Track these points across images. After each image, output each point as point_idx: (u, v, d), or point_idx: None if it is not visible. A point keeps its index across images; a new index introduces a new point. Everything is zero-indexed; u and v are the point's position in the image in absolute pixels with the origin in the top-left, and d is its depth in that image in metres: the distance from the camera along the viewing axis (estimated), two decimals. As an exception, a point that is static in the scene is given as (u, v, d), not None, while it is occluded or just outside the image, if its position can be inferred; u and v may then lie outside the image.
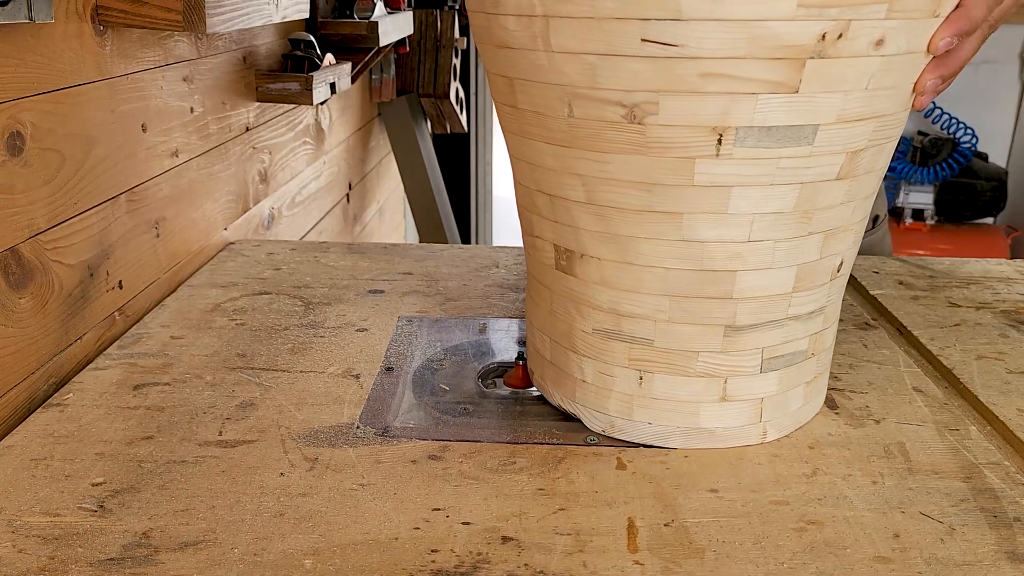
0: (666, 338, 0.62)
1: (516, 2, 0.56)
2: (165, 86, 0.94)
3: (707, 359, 0.62)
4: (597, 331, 0.63)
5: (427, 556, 0.52)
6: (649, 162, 0.56)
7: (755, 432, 0.65)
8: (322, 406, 0.70)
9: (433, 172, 2.11)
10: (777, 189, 0.57)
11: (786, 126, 0.54)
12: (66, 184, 0.77)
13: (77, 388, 0.72)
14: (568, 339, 0.66)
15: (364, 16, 1.46)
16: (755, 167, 0.56)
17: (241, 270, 1.01)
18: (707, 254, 0.59)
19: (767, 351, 0.63)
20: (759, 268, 0.60)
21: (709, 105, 0.53)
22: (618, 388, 0.64)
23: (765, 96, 0.53)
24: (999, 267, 1.06)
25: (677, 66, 0.52)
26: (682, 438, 0.64)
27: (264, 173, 1.28)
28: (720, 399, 0.63)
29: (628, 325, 0.62)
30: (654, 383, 0.63)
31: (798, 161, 0.56)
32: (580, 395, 0.66)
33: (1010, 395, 0.72)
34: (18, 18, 0.67)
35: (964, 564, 0.52)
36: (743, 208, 0.57)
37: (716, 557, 0.52)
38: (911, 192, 3.20)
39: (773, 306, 0.61)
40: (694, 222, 0.58)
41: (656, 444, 0.64)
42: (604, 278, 0.62)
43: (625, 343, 0.63)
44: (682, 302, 0.60)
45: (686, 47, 0.51)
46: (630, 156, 0.56)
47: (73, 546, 0.52)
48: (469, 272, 1.02)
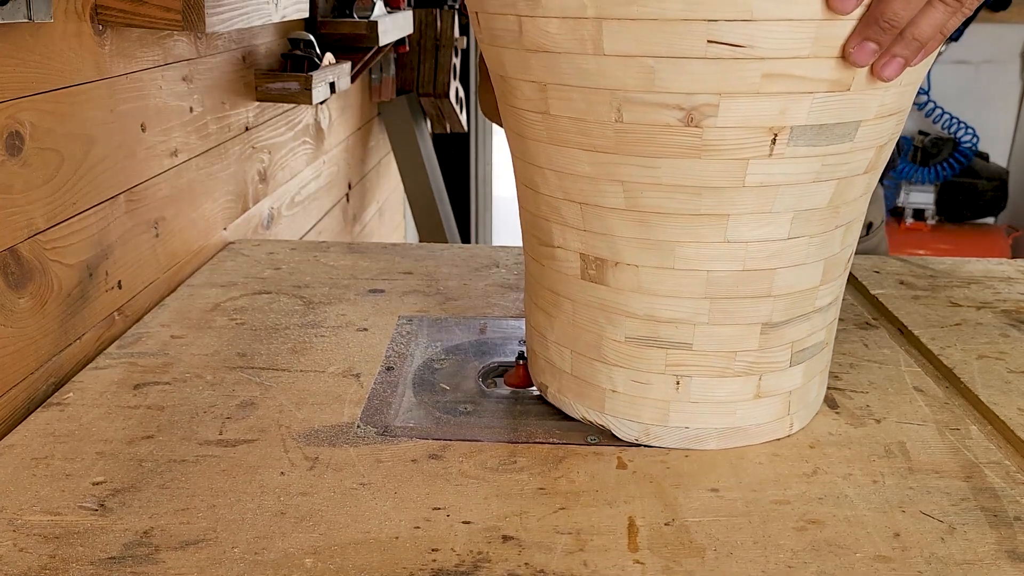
0: (705, 341, 0.61)
1: (562, 4, 0.53)
2: (164, 86, 0.94)
3: (744, 358, 0.62)
4: (631, 339, 0.62)
5: (427, 555, 0.52)
6: (701, 165, 0.55)
7: (784, 425, 0.66)
8: (322, 405, 0.70)
9: (433, 172, 2.11)
10: (817, 186, 0.58)
11: (835, 123, 0.55)
12: (65, 184, 0.77)
13: (77, 388, 0.72)
14: (596, 350, 0.64)
15: (364, 15, 1.46)
16: (803, 165, 0.56)
17: (241, 270, 1.01)
18: (749, 254, 0.59)
19: (795, 344, 0.64)
20: (795, 264, 0.60)
21: (768, 105, 0.53)
22: (653, 395, 0.63)
23: (821, 95, 0.53)
24: (1000, 267, 1.06)
25: (741, 67, 0.52)
26: (718, 439, 0.64)
27: (263, 173, 1.27)
28: (755, 396, 0.64)
29: (666, 331, 0.61)
30: (692, 387, 0.63)
31: (839, 158, 0.57)
32: (610, 406, 0.65)
33: (1011, 394, 0.72)
34: (17, 18, 0.67)
35: (964, 563, 0.52)
36: (785, 206, 0.58)
37: (716, 556, 0.52)
38: (912, 192, 3.20)
39: (804, 300, 0.62)
40: (739, 223, 0.58)
41: (692, 447, 0.64)
42: (641, 285, 0.61)
43: (662, 349, 0.62)
44: (722, 303, 0.60)
45: (753, 48, 0.51)
46: (682, 160, 0.55)
47: (74, 545, 0.52)
48: (469, 272, 1.02)
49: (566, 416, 0.68)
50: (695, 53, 0.51)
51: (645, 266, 0.60)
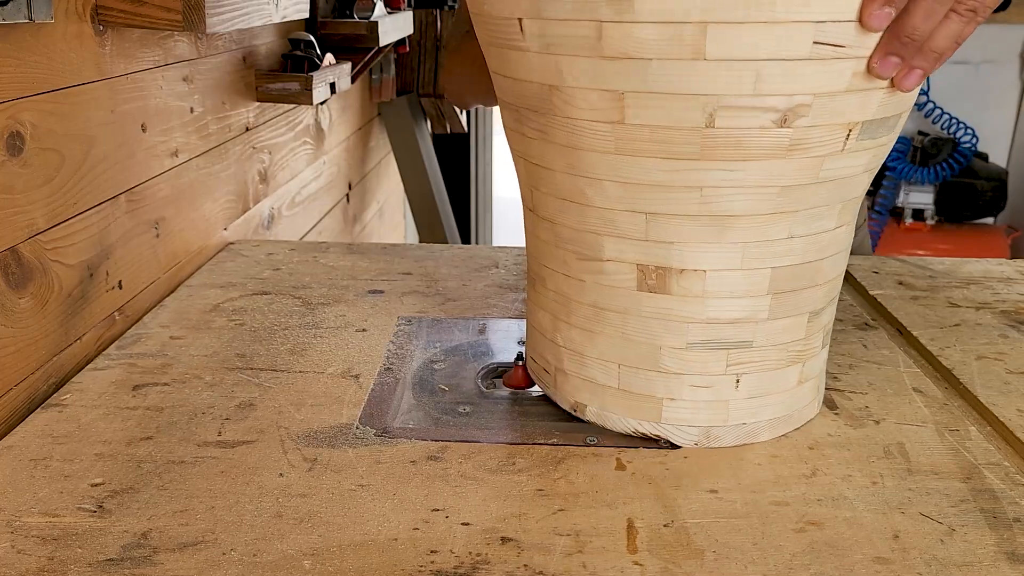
0: (764, 337, 0.63)
1: (660, 9, 0.51)
2: (165, 86, 0.94)
3: (793, 348, 0.64)
4: (693, 345, 0.62)
5: (426, 557, 0.52)
6: (784, 164, 0.56)
7: (815, 406, 0.69)
8: (321, 406, 0.70)
9: (433, 172, 2.11)
10: (864, 177, 0.61)
11: (889, 116, 0.58)
12: (66, 184, 0.77)
13: (76, 388, 0.72)
14: (652, 360, 0.63)
15: (364, 16, 1.46)
16: (861, 158, 0.58)
17: (240, 270, 1.01)
18: (806, 247, 0.61)
19: (825, 327, 0.67)
20: (836, 253, 0.63)
21: (851, 102, 0.55)
22: (714, 397, 0.63)
23: (885, 91, 0.55)
24: (999, 267, 1.06)
25: (838, 66, 0.53)
26: (769, 430, 0.66)
27: (264, 173, 1.28)
28: (798, 383, 0.66)
29: (728, 332, 0.62)
30: (750, 383, 0.64)
31: (883, 149, 0.61)
32: (668, 415, 0.64)
33: (1010, 395, 0.72)
34: (18, 18, 0.67)
35: (964, 565, 0.52)
36: (840, 198, 0.60)
37: (716, 558, 0.52)
38: (911, 192, 3.20)
39: (837, 285, 0.66)
40: (804, 218, 0.59)
41: (748, 442, 0.65)
42: (707, 289, 0.60)
43: (724, 350, 0.62)
44: (781, 298, 0.62)
45: (852, 47, 0.52)
46: (768, 161, 0.56)
47: (72, 547, 0.52)
48: (469, 272, 1.02)
49: (565, 417, 0.68)
50: (800, 55, 0.52)
51: (713, 270, 0.60)
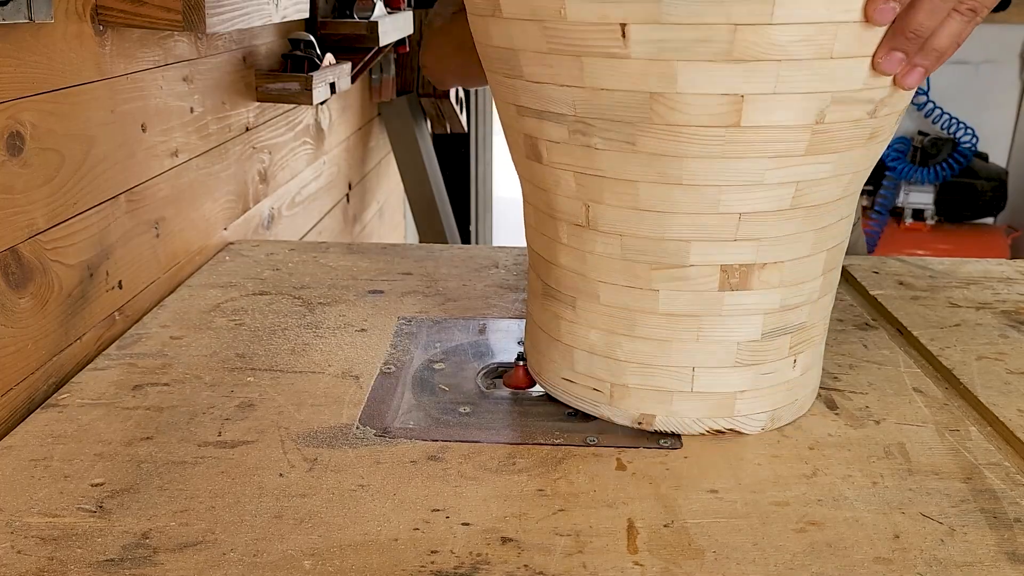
0: (815, 315, 0.66)
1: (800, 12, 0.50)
2: (165, 86, 0.94)
3: (825, 322, 0.69)
4: (766, 335, 0.63)
5: (427, 557, 0.52)
6: (864, 152, 0.59)
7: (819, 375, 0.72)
8: (321, 407, 0.70)
9: (433, 172, 2.11)
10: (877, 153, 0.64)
11: None
12: (66, 184, 0.77)
13: (76, 388, 0.72)
14: (728, 357, 0.63)
15: (364, 16, 1.46)
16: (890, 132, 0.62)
17: (240, 270, 1.01)
18: (845, 227, 0.65)
19: None
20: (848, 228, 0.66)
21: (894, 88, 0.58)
22: (778, 381, 0.66)
23: None
24: (999, 267, 1.06)
25: None
26: (811, 399, 0.70)
27: (264, 173, 1.27)
28: (822, 356, 0.71)
29: (792, 316, 0.64)
30: (804, 361, 0.67)
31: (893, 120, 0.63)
32: (739, 407, 0.65)
33: (1010, 395, 0.72)
34: (18, 18, 0.67)
35: (964, 565, 0.52)
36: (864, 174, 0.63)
37: (716, 558, 0.52)
38: (911, 192, 3.20)
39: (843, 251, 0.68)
40: (851, 200, 0.63)
41: (799, 416, 0.69)
42: (783, 280, 0.62)
43: (788, 335, 0.65)
44: (828, 277, 0.65)
45: None
46: (854, 151, 0.58)
47: (72, 547, 0.52)
48: (469, 272, 1.02)
49: (565, 417, 0.68)
50: None
51: (787, 260, 0.62)
